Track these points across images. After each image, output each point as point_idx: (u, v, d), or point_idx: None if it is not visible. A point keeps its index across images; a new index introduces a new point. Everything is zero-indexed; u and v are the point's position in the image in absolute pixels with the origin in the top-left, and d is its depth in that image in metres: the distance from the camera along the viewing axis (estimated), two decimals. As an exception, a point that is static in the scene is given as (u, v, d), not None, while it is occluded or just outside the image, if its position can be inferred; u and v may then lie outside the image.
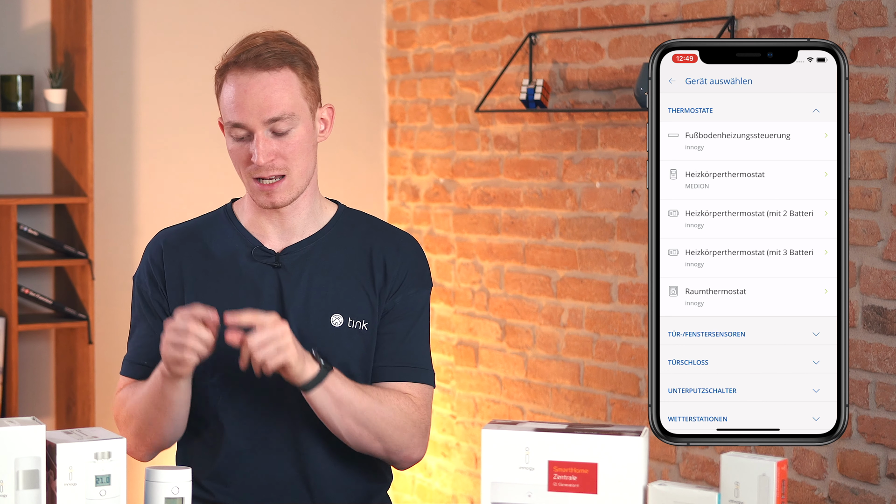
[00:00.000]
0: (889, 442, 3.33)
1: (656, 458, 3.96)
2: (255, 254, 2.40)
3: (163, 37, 4.71)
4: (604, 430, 1.80)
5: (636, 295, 4.01)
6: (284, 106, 2.31)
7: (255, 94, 2.30)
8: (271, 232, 2.42)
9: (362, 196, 5.05)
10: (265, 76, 2.30)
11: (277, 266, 2.39)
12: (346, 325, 2.38)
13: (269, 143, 2.31)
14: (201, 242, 2.43)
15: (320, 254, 2.41)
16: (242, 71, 2.31)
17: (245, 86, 2.30)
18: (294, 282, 2.38)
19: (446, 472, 4.77)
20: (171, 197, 4.73)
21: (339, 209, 2.48)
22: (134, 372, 2.42)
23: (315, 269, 2.39)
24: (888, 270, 3.31)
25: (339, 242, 2.43)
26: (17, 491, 1.82)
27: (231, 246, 2.42)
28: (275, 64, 2.31)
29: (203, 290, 2.39)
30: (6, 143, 4.49)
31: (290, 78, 2.32)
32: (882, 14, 3.30)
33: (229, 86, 2.33)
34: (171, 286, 2.40)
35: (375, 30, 5.11)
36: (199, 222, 2.48)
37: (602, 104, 4.10)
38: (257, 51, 2.31)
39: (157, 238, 2.47)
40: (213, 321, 2.21)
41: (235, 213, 2.45)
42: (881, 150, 3.31)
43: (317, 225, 2.43)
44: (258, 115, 2.30)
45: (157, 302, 2.41)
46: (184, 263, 2.41)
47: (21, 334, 4.43)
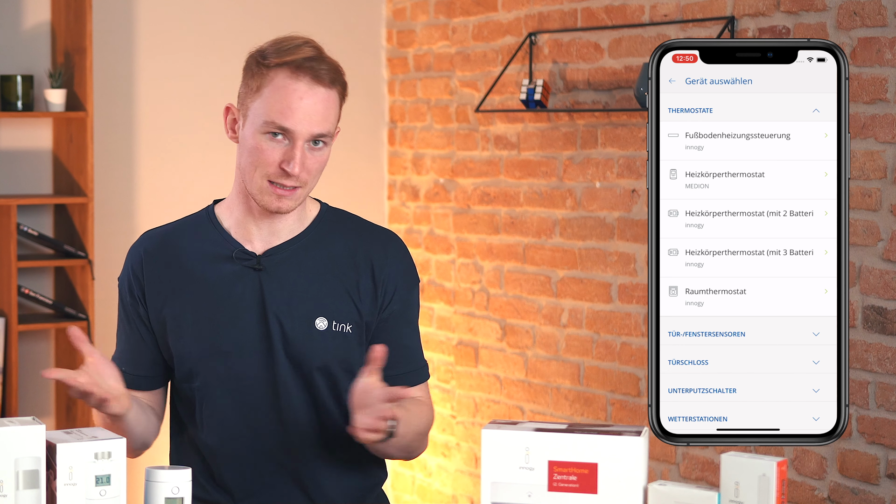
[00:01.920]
0: (889, 442, 3.33)
1: (656, 458, 3.96)
2: (236, 256, 2.39)
3: (163, 37, 4.71)
4: (604, 430, 1.80)
5: (636, 295, 4.01)
6: (329, 125, 2.32)
7: (310, 105, 2.29)
8: (255, 235, 2.40)
9: (362, 196, 5.05)
10: (322, 91, 2.31)
11: (258, 269, 2.38)
12: (330, 329, 2.37)
13: (305, 155, 2.31)
14: (181, 247, 2.42)
15: (303, 255, 2.40)
16: (298, 78, 2.30)
17: (302, 94, 2.29)
18: (276, 284, 2.37)
19: (446, 472, 4.77)
20: (171, 197, 4.73)
21: (322, 208, 2.48)
22: None
23: (298, 270, 2.39)
24: (888, 270, 3.31)
25: (322, 243, 2.42)
26: (17, 491, 1.81)
27: (211, 249, 2.41)
28: (329, 82, 2.32)
29: (183, 295, 2.39)
30: (6, 143, 4.49)
31: (336, 99, 2.34)
32: (882, 14, 3.30)
33: (281, 87, 2.31)
34: (151, 295, 2.41)
35: (375, 30, 5.11)
36: (181, 224, 2.47)
37: (602, 104, 4.10)
38: (316, 63, 2.31)
39: (138, 243, 2.46)
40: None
41: (217, 216, 2.44)
42: (881, 150, 3.31)
43: (300, 226, 2.43)
44: (307, 126, 2.30)
45: (136, 311, 2.42)
46: (163, 271, 2.41)
47: (21, 334, 4.43)
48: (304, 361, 2.36)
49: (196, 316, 2.37)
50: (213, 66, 4.76)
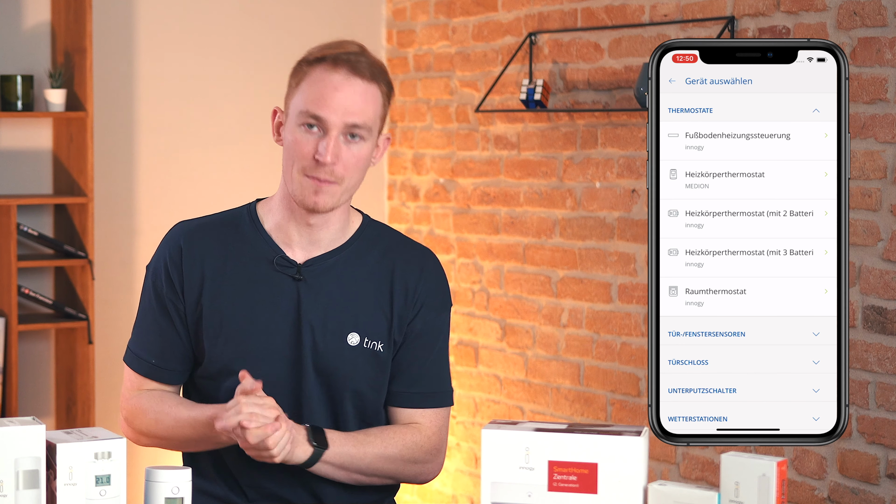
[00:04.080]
0: (889, 442, 3.33)
1: (656, 458, 3.96)
2: (277, 263, 2.36)
3: (163, 37, 4.71)
4: (604, 430, 1.80)
5: (636, 295, 4.01)
6: (367, 117, 2.30)
7: (346, 95, 2.28)
8: (296, 241, 2.37)
9: (362, 196, 5.04)
10: (358, 82, 2.29)
11: (299, 278, 2.35)
12: (361, 345, 2.36)
13: (339, 146, 2.29)
14: (222, 242, 2.38)
15: (342, 268, 2.37)
16: (336, 70, 2.29)
17: (337, 84, 2.28)
18: (314, 296, 2.35)
19: (446, 472, 4.77)
20: (171, 197, 4.72)
21: (363, 221, 2.44)
22: (142, 368, 2.40)
23: (336, 284, 2.36)
24: (888, 270, 3.31)
25: (362, 258, 2.39)
26: (17, 491, 1.81)
27: (252, 251, 2.37)
28: (368, 75, 2.30)
29: (220, 294, 2.35)
30: (6, 143, 4.49)
31: (377, 94, 2.32)
32: (882, 14, 3.30)
33: (317, 79, 2.30)
34: (189, 288, 2.36)
35: (375, 30, 5.11)
36: (221, 219, 2.43)
37: (602, 104, 4.10)
38: (356, 57, 2.30)
39: (175, 234, 2.40)
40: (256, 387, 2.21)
41: (259, 216, 2.40)
42: (881, 150, 3.31)
43: (342, 237, 2.40)
44: (342, 115, 2.28)
45: (172, 302, 2.37)
46: (204, 265, 2.37)
47: (21, 334, 4.43)
48: (331, 375, 2.35)
49: (232, 317, 2.34)
50: (213, 66, 4.75)
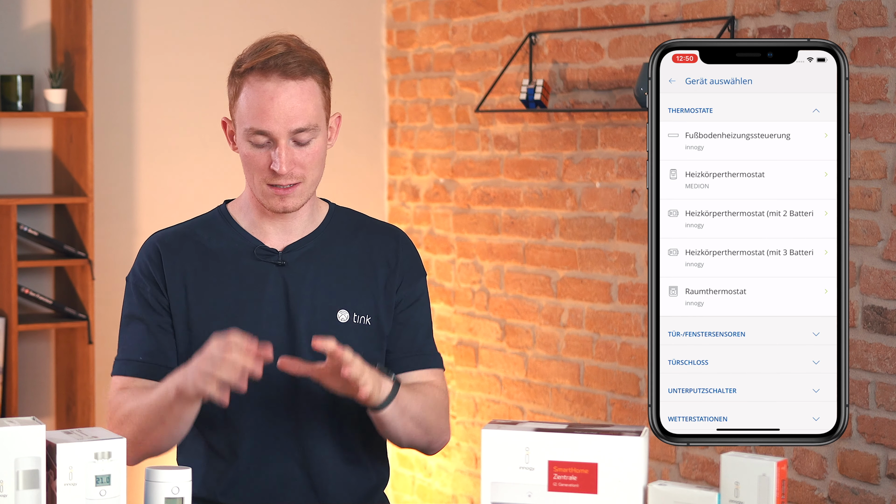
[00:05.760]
0: (889, 442, 3.33)
1: (656, 458, 3.96)
2: (257, 253, 2.40)
3: (163, 37, 4.71)
4: (604, 430, 1.80)
5: (636, 295, 4.01)
6: (309, 117, 2.31)
7: (282, 103, 2.29)
8: (271, 232, 2.42)
9: (362, 196, 5.04)
10: (292, 85, 2.29)
11: (281, 264, 2.40)
12: (351, 321, 2.40)
13: (291, 152, 2.31)
14: (199, 244, 2.42)
15: (321, 251, 2.43)
16: (267, 78, 2.29)
17: (271, 94, 2.29)
18: (299, 279, 2.39)
19: (446, 472, 4.77)
20: (171, 197, 4.73)
21: (331, 207, 2.50)
22: (128, 369, 2.40)
23: (318, 265, 2.41)
24: (888, 270, 3.31)
25: (338, 239, 2.45)
26: (17, 491, 1.81)
27: (231, 246, 2.42)
28: (300, 73, 2.30)
29: (205, 289, 2.39)
30: (6, 143, 4.49)
31: (313, 88, 2.32)
32: (882, 14, 3.30)
33: (252, 91, 2.31)
34: (173, 287, 2.39)
35: (375, 30, 5.11)
36: (194, 224, 2.47)
37: (602, 104, 4.10)
38: (283, 59, 2.29)
39: (152, 240, 2.45)
40: (253, 350, 2.17)
41: (231, 215, 2.45)
42: (881, 150, 3.31)
43: (314, 223, 2.45)
44: (284, 124, 2.29)
45: (158, 300, 2.40)
46: (184, 263, 2.40)
47: (21, 334, 4.43)
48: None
49: (221, 311, 2.37)
50: (213, 66, 4.75)
